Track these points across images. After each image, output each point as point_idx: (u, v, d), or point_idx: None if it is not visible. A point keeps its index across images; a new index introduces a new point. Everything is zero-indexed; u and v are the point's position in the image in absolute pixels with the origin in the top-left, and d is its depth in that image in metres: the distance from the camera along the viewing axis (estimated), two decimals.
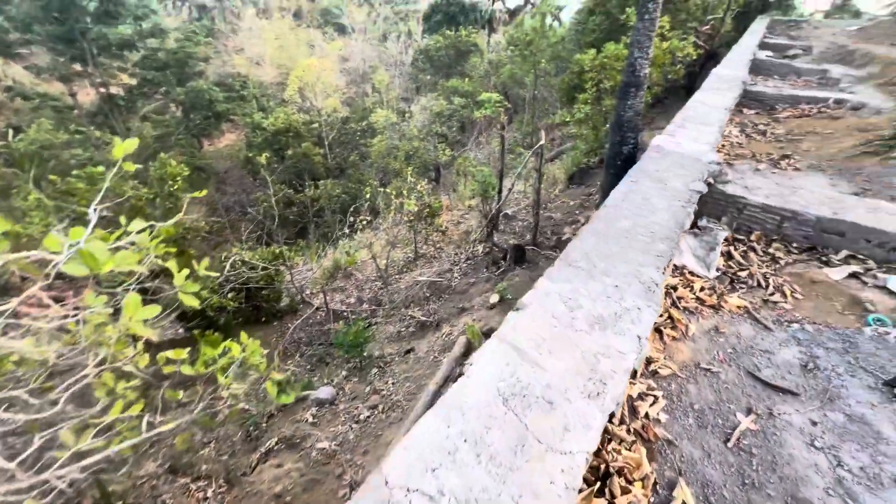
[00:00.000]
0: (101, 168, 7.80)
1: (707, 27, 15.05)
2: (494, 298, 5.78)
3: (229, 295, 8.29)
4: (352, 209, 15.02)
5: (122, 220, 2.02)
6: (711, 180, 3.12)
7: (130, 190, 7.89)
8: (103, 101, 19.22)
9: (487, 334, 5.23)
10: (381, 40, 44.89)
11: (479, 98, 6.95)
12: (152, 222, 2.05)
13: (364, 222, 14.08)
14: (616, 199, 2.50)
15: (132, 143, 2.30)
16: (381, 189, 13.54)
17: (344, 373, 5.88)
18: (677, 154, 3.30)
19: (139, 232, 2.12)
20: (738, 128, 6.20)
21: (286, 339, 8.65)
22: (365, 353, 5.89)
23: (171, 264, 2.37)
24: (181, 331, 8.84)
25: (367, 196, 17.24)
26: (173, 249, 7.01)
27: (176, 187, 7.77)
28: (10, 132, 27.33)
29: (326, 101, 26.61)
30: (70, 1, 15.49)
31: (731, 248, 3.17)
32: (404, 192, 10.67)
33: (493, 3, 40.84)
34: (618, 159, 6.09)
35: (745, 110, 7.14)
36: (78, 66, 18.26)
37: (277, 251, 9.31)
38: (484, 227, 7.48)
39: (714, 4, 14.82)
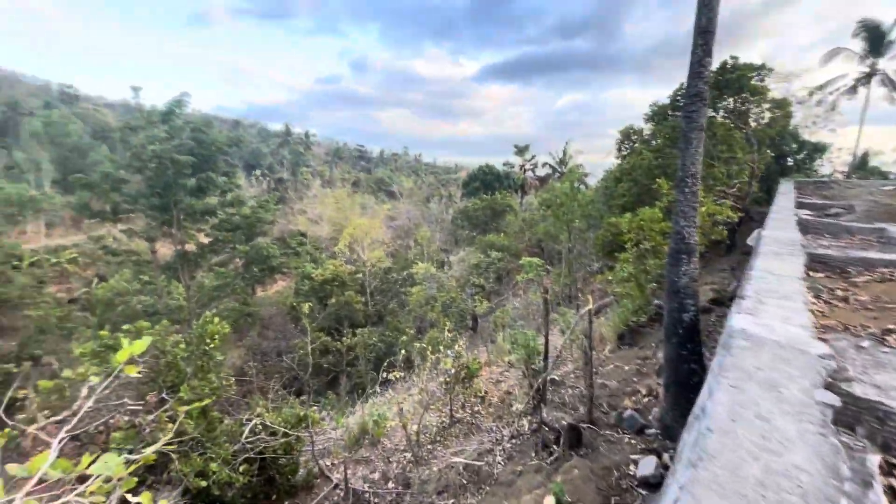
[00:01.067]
0: (146, 323, 8.01)
1: (733, 189, 15.71)
2: (550, 502, 4.60)
3: (241, 468, 7.35)
4: (386, 363, 14.45)
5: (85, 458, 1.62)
6: (830, 380, 2.46)
7: (170, 346, 7.89)
8: (179, 256, 21.69)
9: None
10: (425, 202, 50.59)
11: (521, 262, 7.01)
12: (124, 456, 1.62)
13: (397, 377, 13.27)
14: (722, 418, 1.88)
15: (142, 345, 2.07)
16: (417, 343, 13.12)
17: None
18: (772, 343, 2.73)
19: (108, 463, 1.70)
20: (812, 293, 5.56)
21: None
22: None
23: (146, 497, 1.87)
24: None
25: (403, 346, 16.77)
26: (191, 421, 6.39)
27: (212, 346, 7.70)
28: (95, 280, 30.80)
29: (372, 253, 28.67)
30: (174, 181, 19.04)
31: (892, 479, 2.28)
32: (441, 346, 10.15)
33: (524, 172, 46.38)
34: (678, 327, 5.47)
35: (810, 273, 6.58)
36: (165, 228, 21.32)
37: (302, 414, 8.57)
38: (530, 398, 6.60)
39: (737, 170, 15.70)
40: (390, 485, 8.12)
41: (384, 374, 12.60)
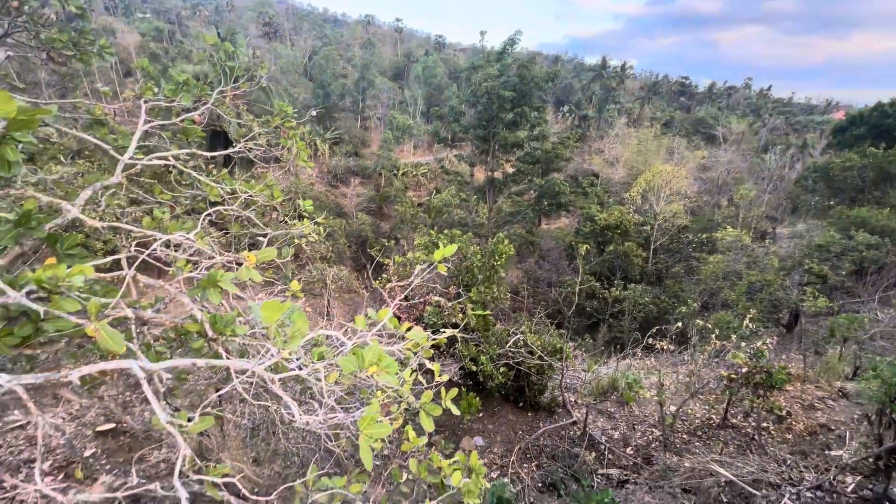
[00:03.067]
0: (458, 231, 9.98)
1: None
2: None
3: (501, 369, 8.63)
4: (654, 329, 13.09)
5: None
6: None
7: (470, 254, 9.65)
8: (487, 181, 25.77)
9: None
10: (759, 152, 39.12)
11: None
12: (429, 334, 2.06)
13: (665, 348, 11.96)
14: None
15: (451, 249, 2.50)
16: (700, 320, 11.12)
17: None
18: None
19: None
20: None
21: (531, 440, 8.13)
22: None
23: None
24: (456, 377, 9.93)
25: (680, 317, 14.68)
26: (482, 312, 7.79)
27: (499, 262, 8.93)
28: (434, 192, 40.88)
29: (668, 206, 25.24)
30: (496, 114, 21.98)
31: None
32: (734, 334, 8.27)
33: None
34: None
35: None
36: (483, 157, 25.48)
37: (559, 346, 9.06)
38: (876, 455, 4.52)
39: None
40: (629, 451, 7.77)
41: (650, 339, 11.55)
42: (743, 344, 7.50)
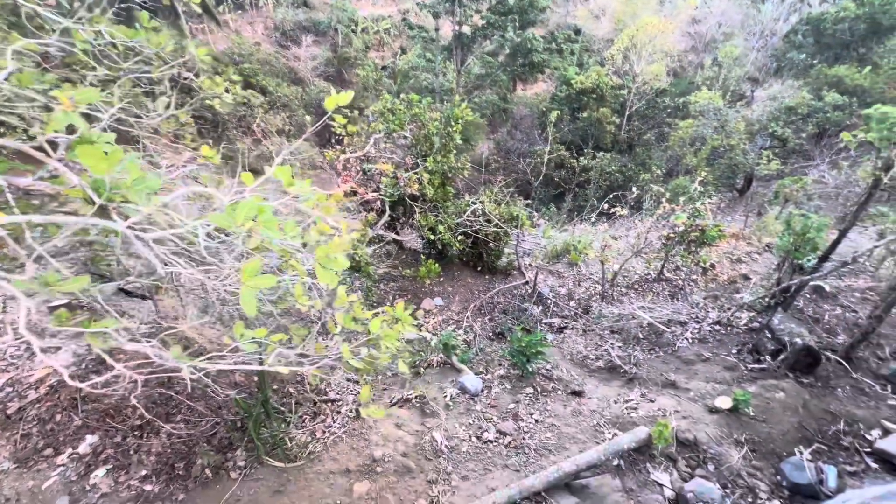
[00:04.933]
0: (416, 96, 9.16)
1: None
2: (723, 403, 3.97)
3: (459, 237, 8.91)
4: (612, 195, 13.43)
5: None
6: None
7: (427, 119, 9.03)
8: (455, 37, 22.87)
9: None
10: (756, 1, 35.56)
11: (868, 113, 4.17)
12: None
13: (621, 214, 12.52)
14: None
15: (346, 97, 2.25)
16: (658, 185, 11.37)
17: (502, 371, 5.50)
18: None
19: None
20: None
21: (485, 298, 8.86)
22: (529, 370, 5.26)
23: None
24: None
25: (641, 185, 15.01)
26: (438, 182, 7.62)
27: (455, 128, 8.47)
28: (399, 52, 36.60)
29: (650, 67, 23.63)
30: None
31: None
32: (684, 197, 8.57)
33: None
34: None
35: None
36: (447, 6, 22.16)
37: (515, 213, 9.27)
38: (770, 295, 5.13)
39: None
40: (572, 304, 8.62)
41: (605, 205, 11.94)
42: (686, 204, 7.81)
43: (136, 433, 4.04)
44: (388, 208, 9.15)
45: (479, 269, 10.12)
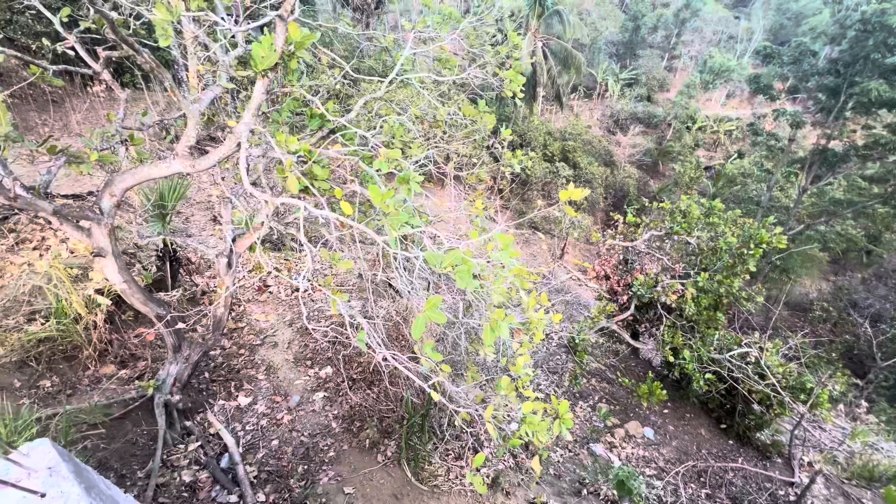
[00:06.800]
0: (720, 205, 8.12)
1: None
2: None
3: (707, 375, 7.25)
4: None
5: None
6: None
7: (721, 232, 7.85)
8: (817, 151, 18.37)
9: None
10: None
11: None
12: None
13: None
14: None
15: (580, 193, 2.43)
16: None
17: None
18: None
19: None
20: None
21: (715, 466, 6.86)
22: None
23: None
24: None
25: None
26: (707, 302, 6.58)
27: (752, 253, 6.97)
28: (735, 156, 32.73)
29: None
30: (866, 55, 14.40)
31: None
32: None
33: None
34: None
35: None
36: (816, 116, 17.98)
37: (809, 385, 6.71)
38: None
39: None
40: None
41: None
42: None
43: (350, 382, 5.34)
44: (633, 307, 8.42)
45: (724, 426, 7.84)
